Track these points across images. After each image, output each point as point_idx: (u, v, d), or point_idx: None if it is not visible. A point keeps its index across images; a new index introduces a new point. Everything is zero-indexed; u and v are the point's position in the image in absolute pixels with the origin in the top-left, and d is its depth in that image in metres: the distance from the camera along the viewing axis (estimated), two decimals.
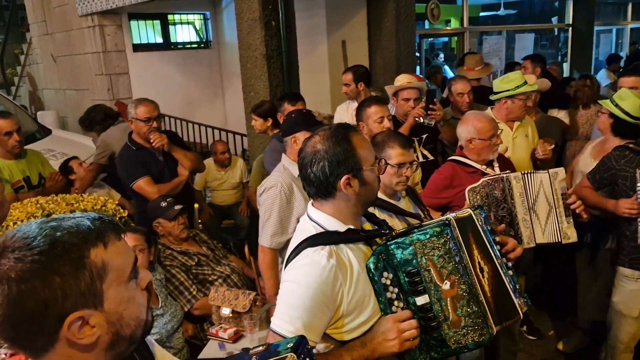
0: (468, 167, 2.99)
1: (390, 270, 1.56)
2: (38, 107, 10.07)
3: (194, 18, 9.07)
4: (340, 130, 1.61)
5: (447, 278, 1.53)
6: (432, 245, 1.54)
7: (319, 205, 1.65)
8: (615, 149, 2.98)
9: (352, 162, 1.57)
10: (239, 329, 2.79)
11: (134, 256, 1.08)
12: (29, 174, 3.81)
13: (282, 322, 1.52)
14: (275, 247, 2.85)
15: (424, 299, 1.54)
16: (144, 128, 3.62)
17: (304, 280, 1.52)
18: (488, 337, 1.54)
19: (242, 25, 5.21)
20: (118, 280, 1.02)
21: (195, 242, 3.51)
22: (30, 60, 10.31)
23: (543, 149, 3.41)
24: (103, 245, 1.00)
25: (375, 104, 3.34)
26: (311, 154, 1.58)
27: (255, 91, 5.28)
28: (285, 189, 2.80)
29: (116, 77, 7.97)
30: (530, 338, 3.90)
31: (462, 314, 1.53)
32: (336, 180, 1.56)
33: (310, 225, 1.64)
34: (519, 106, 3.54)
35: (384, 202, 2.34)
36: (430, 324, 1.55)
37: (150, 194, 3.56)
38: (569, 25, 11.21)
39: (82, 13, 7.72)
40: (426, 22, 9.35)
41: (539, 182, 2.80)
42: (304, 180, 1.64)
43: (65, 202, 3.13)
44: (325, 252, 1.53)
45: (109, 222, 1.05)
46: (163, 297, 2.97)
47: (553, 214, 2.80)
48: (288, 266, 1.61)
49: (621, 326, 3.00)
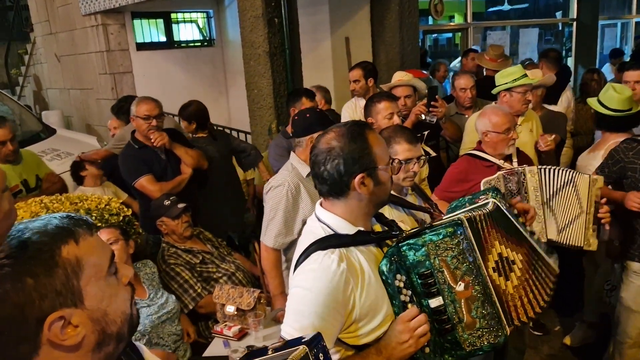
0: (485, 161, 2.98)
1: (403, 272, 1.52)
2: (43, 107, 10.10)
3: (197, 16, 9.06)
4: (356, 127, 1.57)
5: (461, 279, 1.49)
6: (445, 245, 1.50)
7: (330, 205, 1.60)
8: (623, 141, 2.98)
9: (367, 160, 1.53)
10: (244, 327, 2.79)
11: (110, 251, 1.05)
12: (26, 177, 3.74)
13: (293, 329, 1.48)
14: (278, 247, 2.82)
15: (437, 300, 1.50)
16: (143, 126, 3.62)
17: (314, 285, 1.47)
18: (503, 338, 1.50)
19: (245, 22, 5.20)
20: (96, 275, 0.99)
21: (200, 240, 3.51)
22: (34, 60, 10.33)
23: (545, 141, 3.38)
24: (74, 242, 0.97)
25: (385, 99, 3.32)
26: (326, 151, 1.53)
27: (258, 89, 5.27)
28: (292, 188, 2.74)
29: (120, 76, 7.97)
30: (536, 334, 3.88)
31: (477, 315, 1.49)
32: (350, 179, 1.52)
33: (319, 227, 1.59)
34: (517, 99, 3.50)
35: (393, 196, 2.33)
36: (445, 327, 1.51)
37: (152, 192, 3.56)
38: (573, 20, 11.13)
39: (85, 12, 7.73)
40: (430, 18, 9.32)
41: (566, 180, 2.76)
42: (316, 178, 1.59)
43: (70, 201, 3.13)
44: (335, 256, 1.49)
45: (79, 218, 1.02)
46: (154, 290, 2.95)
47: (583, 218, 2.76)
48: (297, 270, 1.56)
49: (629, 321, 2.98)
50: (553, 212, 2.78)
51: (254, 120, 5.44)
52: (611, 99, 3.20)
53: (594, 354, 3.58)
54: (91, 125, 8.75)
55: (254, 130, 5.53)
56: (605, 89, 3.29)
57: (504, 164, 2.94)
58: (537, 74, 4.20)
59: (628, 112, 3.19)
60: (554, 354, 3.74)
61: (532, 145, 3.60)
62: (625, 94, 3.20)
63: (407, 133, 2.43)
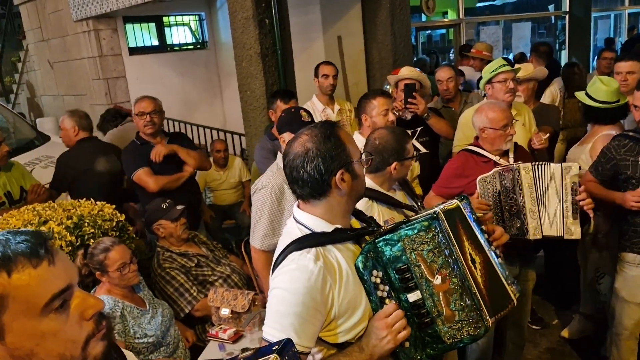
0: (481, 157, 2.98)
1: (379, 268, 1.53)
2: (37, 114, 10.08)
3: (189, 19, 9.05)
4: (327, 126, 1.59)
5: (438, 272, 1.50)
6: (420, 240, 1.51)
7: (310, 206, 1.60)
8: (614, 138, 2.94)
9: (343, 156, 1.55)
10: (239, 330, 2.78)
11: (63, 285, 0.95)
12: (9, 189, 3.66)
13: (274, 330, 1.49)
14: (265, 248, 2.81)
15: (415, 295, 1.51)
16: (140, 122, 3.78)
17: (292, 286, 1.48)
18: (484, 330, 1.51)
19: (235, 24, 5.19)
20: (27, 312, 0.91)
21: (195, 243, 3.51)
22: (27, 68, 10.32)
23: (539, 139, 3.37)
24: (6, 274, 0.90)
25: (380, 95, 3.31)
26: (302, 154, 1.54)
27: (251, 90, 5.27)
28: (276, 189, 2.75)
29: (113, 81, 7.97)
30: (534, 327, 3.89)
31: (456, 308, 1.50)
32: (330, 177, 1.53)
33: (295, 228, 1.61)
34: (498, 89, 3.46)
35: (382, 194, 2.33)
36: (424, 320, 1.52)
37: (149, 184, 3.67)
38: (566, 13, 11.14)
39: (76, 18, 7.72)
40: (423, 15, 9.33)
41: (551, 173, 2.76)
42: (294, 183, 1.58)
43: (62, 208, 3.12)
44: (311, 255, 1.50)
45: (28, 246, 0.93)
46: (152, 298, 2.95)
47: (560, 207, 2.76)
48: (275, 272, 1.57)
49: (624, 313, 2.98)
50: (546, 208, 2.77)
51: (248, 122, 5.43)
52: (598, 91, 3.21)
53: (592, 346, 3.58)
54: None
55: (247, 132, 5.52)
56: (593, 81, 3.30)
57: (500, 160, 2.94)
58: (528, 68, 4.20)
59: (616, 104, 3.19)
60: (552, 347, 3.74)
61: (525, 140, 3.59)
62: (612, 86, 3.21)
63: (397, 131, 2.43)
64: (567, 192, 2.75)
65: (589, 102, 3.25)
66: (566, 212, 2.74)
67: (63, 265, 0.97)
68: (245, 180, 5.67)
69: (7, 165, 3.74)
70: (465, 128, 3.59)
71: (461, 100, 4.42)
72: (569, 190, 2.74)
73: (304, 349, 1.47)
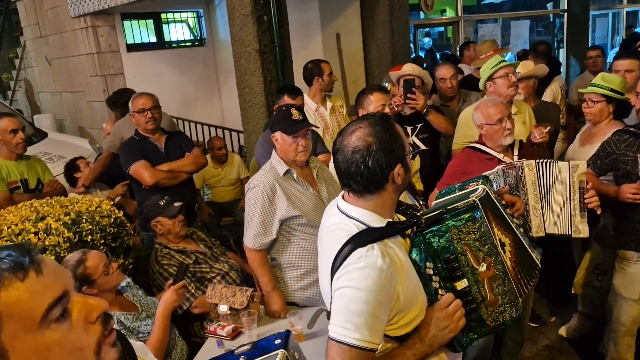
0: (485, 154, 2.97)
1: (430, 259, 1.57)
2: (35, 111, 10.06)
3: (187, 16, 9.03)
4: (385, 119, 1.58)
5: (483, 260, 1.56)
6: (467, 230, 1.56)
7: (362, 200, 1.58)
8: (614, 133, 2.95)
9: (400, 150, 1.55)
10: (237, 326, 2.77)
11: (57, 293, 0.90)
12: (27, 177, 3.81)
13: (347, 330, 1.45)
14: (257, 248, 2.80)
15: (463, 283, 1.57)
16: (140, 119, 3.77)
17: (363, 284, 1.45)
18: (521, 311, 1.60)
19: (234, 21, 5.18)
20: (25, 328, 0.86)
21: (193, 240, 3.50)
22: (25, 64, 10.29)
23: (540, 132, 3.36)
24: None
25: (377, 91, 3.30)
26: (364, 148, 1.51)
27: (249, 87, 5.26)
28: (267, 189, 2.72)
29: (111, 78, 7.94)
30: (532, 325, 3.89)
31: (499, 292, 1.57)
32: (389, 171, 1.53)
33: (349, 222, 1.57)
34: (501, 84, 3.46)
35: None
36: (470, 307, 1.58)
37: (145, 177, 3.67)
38: (564, 11, 11.14)
39: (74, 14, 7.69)
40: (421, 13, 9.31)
41: (557, 171, 2.76)
42: (350, 178, 1.55)
43: (60, 204, 3.10)
44: (377, 251, 1.47)
45: (11, 260, 0.88)
46: (138, 298, 2.91)
47: (567, 206, 2.75)
48: (340, 271, 1.50)
49: (622, 309, 2.99)
50: (550, 206, 2.77)
51: (246, 119, 5.42)
52: (607, 83, 3.19)
53: (590, 344, 3.58)
54: (84, 128, 8.73)
55: (246, 129, 5.51)
56: (597, 78, 3.28)
57: (504, 157, 2.94)
58: (528, 65, 4.19)
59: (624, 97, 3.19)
60: (550, 345, 3.74)
61: (526, 137, 3.59)
62: (618, 79, 3.22)
63: None
64: (575, 190, 2.74)
65: (618, 96, 3.18)
66: (574, 211, 2.74)
67: (53, 273, 0.92)
68: (243, 177, 5.67)
69: (27, 157, 3.92)
70: (464, 126, 3.58)
71: (460, 98, 4.41)
72: (577, 188, 2.73)
73: (374, 346, 1.46)
